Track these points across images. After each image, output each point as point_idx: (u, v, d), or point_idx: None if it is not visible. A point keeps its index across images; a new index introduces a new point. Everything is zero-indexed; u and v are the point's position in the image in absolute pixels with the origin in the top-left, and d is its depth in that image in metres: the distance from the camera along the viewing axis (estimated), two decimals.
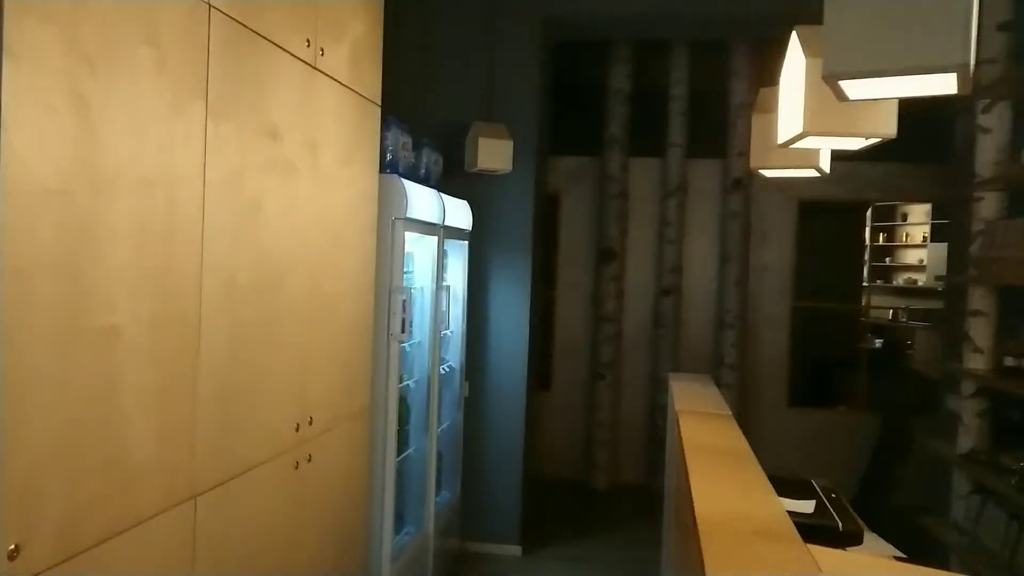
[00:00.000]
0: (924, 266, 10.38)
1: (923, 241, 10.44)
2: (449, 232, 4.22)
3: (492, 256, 4.82)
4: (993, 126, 3.93)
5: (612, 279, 6.31)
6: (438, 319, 4.10)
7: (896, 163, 6.18)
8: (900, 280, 10.79)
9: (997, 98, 3.92)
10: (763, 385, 6.36)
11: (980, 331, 3.97)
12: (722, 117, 6.16)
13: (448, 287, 4.35)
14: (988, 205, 3.98)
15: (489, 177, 4.67)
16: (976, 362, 3.97)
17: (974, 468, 3.85)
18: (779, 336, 6.37)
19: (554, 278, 6.59)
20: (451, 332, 4.48)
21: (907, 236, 10.82)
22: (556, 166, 6.36)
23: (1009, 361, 3.67)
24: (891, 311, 9.81)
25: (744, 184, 6.12)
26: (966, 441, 4.00)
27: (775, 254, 6.37)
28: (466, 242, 4.61)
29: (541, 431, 6.26)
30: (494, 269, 4.83)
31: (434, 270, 4.03)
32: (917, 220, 10.56)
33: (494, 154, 4.42)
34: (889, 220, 10.91)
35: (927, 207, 10.14)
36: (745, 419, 6.22)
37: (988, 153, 3.96)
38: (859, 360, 7.97)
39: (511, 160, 4.48)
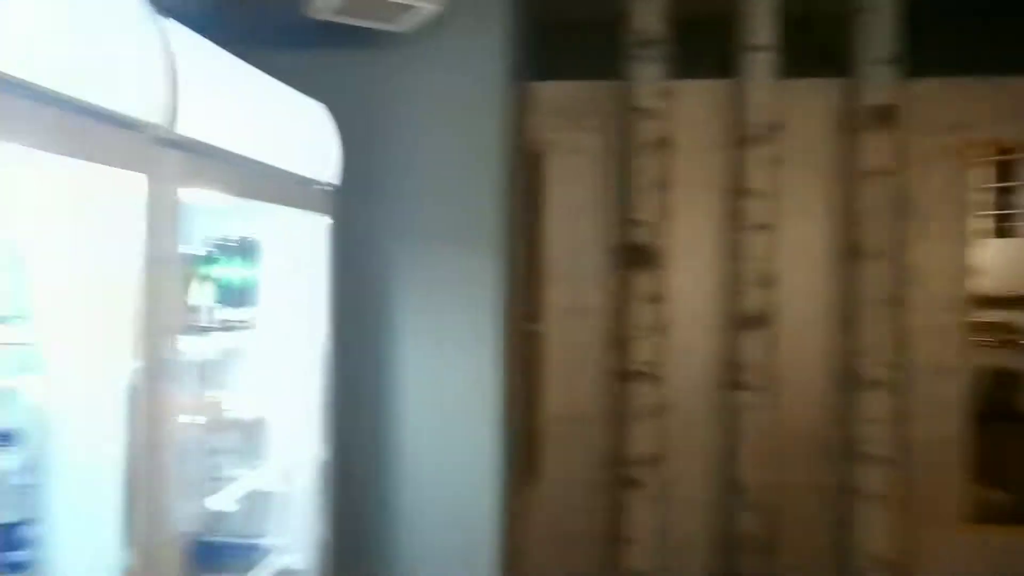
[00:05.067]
0: None
1: None
2: (279, 186, 1.32)
3: (398, 253, 1.90)
4: None
5: (647, 301, 3.41)
6: None
7: None
8: None
9: None
10: (925, 490, 3.49)
11: None
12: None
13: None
14: None
15: (376, 43, 1.74)
16: None
17: None
18: (949, 395, 3.51)
19: (537, 301, 3.65)
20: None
21: None
22: (537, 100, 3.42)
23: None
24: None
25: (891, 117, 3.27)
26: None
27: (938, 246, 3.51)
28: (324, 219, 1.69)
29: (519, 548, 3.36)
30: (407, 287, 1.91)
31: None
32: None
33: None
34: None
35: None
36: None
37: None
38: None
39: None
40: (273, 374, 1.75)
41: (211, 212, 1.65)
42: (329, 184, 1.72)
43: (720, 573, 3.42)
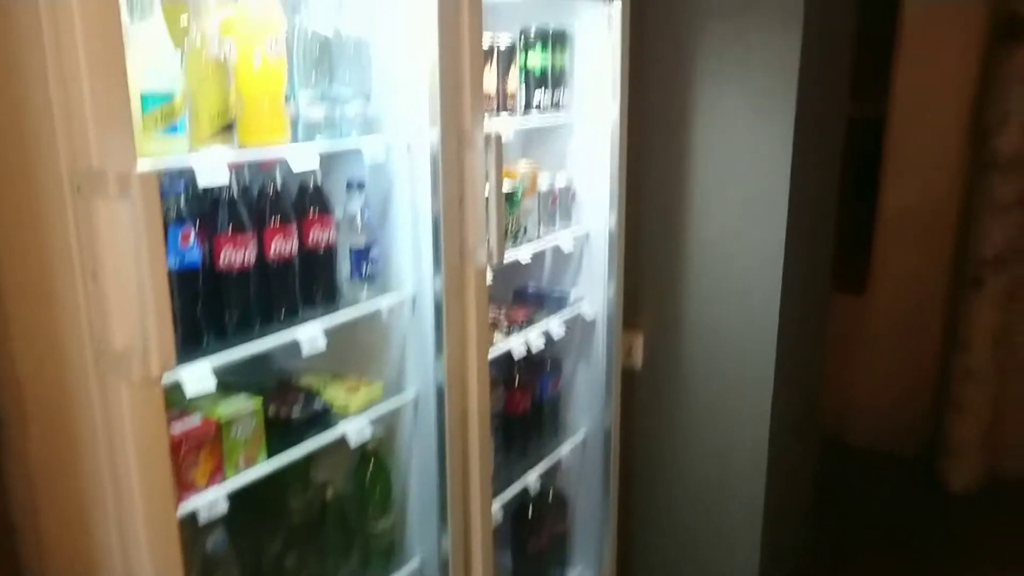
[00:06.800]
0: None
1: None
2: None
3: (691, 35, 1.99)
4: None
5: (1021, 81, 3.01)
6: None
7: None
8: None
9: None
10: None
11: None
12: None
13: None
14: None
15: None
16: None
17: None
18: None
19: (885, 79, 3.39)
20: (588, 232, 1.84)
21: None
22: None
23: None
24: None
25: None
26: None
27: None
28: (618, 4, 1.84)
29: (846, 359, 3.47)
30: (700, 67, 2.00)
31: None
32: None
33: None
34: None
35: None
36: None
37: None
38: None
39: None
40: (576, 150, 2.00)
41: (525, 6, 1.87)
42: None
43: None
